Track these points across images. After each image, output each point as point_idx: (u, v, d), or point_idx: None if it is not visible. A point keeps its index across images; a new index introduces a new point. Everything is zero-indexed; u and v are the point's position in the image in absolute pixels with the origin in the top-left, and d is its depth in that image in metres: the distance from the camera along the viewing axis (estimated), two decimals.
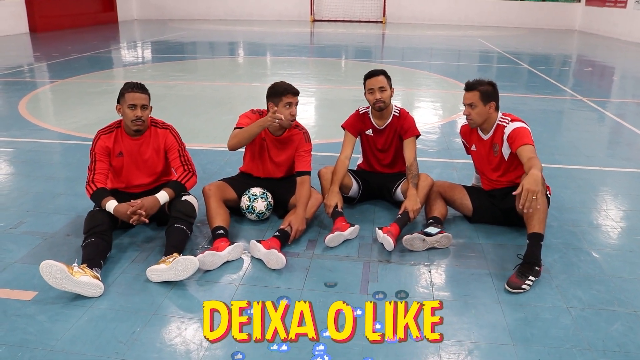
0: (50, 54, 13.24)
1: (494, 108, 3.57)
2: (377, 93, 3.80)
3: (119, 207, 3.25)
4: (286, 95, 3.55)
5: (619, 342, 2.56)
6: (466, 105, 3.58)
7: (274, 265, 3.16)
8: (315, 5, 26.11)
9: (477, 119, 3.57)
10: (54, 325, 2.63)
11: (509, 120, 3.55)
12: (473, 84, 3.56)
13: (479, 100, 3.52)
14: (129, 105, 3.37)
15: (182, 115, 7.10)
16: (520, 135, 3.41)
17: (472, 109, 3.55)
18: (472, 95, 3.53)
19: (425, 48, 16.16)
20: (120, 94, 3.43)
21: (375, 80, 3.82)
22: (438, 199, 3.73)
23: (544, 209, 3.19)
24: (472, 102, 3.54)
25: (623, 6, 19.84)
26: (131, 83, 3.43)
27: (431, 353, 2.48)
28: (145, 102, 3.41)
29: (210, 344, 2.50)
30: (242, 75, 11.22)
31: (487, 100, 3.53)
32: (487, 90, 3.53)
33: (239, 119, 3.70)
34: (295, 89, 3.61)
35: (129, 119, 3.39)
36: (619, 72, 12.62)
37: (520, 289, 2.98)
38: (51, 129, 6.33)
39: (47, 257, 3.15)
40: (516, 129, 3.46)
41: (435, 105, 8.11)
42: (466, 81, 3.62)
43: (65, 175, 4.71)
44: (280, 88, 3.58)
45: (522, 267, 3.07)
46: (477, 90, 3.53)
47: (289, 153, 3.78)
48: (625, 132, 6.71)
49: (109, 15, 23.85)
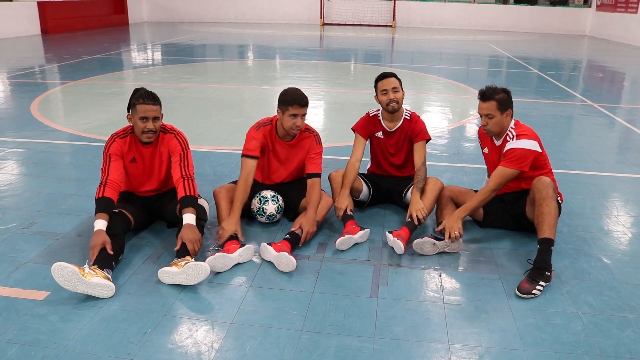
0: (61, 55, 13.34)
1: (510, 115, 3.53)
2: (391, 93, 3.82)
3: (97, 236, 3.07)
4: (293, 105, 3.51)
5: (631, 348, 2.55)
6: (483, 116, 3.52)
7: (285, 267, 3.17)
8: (325, 9, 26.15)
9: (494, 128, 3.53)
10: (66, 325, 2.65)
11: (514, 136, 3.48)
12: (489, 94, 3.48)
13: (497, 110, 3.47)
14: (140, 117, 3.33)
15: (192, 118, 7.13)
16: (512, 156, 3.42)
17: (490, 120, 3.50)
18: (490, 105, 3.47)
19: (435, 52, 16.14)
20: (131, 103, 3.37)
21: (387, 81, 3.84)
22: (449, 204, 3.72)
23: (555, 214, 3.20)
24: (489, 112, 3.48)
25: (634, 11, 19.73)
26: (142, 92, 3.35)
27: (442, 357, 2.48)
28: (156, 114, 3.36)
29: (221, 346, 2.51)
30: (252, 78, 11.25)
31: (504, 109, 3.48)
32: (503, 98, 3.48)
33: (246, 141, 3.65)
34: (304, 100, 3.55)
35: (140, 130, 3.36)
36: (629, 77, 12.55)
37: (531, 294, 2.97)
38: (63, 130, 6.38)
39: (58, 257, 3.19)
40: (516, 149, 3.42)
41: (444, 110, 8.10)
42: (480, 90, 3.55)
43: (76, 176, 4.74)
44: (289, 97, 3.53)
45: (533, 273, 3.07)
46: (494, 100, 3.46)
47: (300, 156, 3.78)
48: (636, 138, 6.68)
49: (120, 17, 24.00)
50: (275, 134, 3.71)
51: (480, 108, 3.54)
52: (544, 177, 3.32)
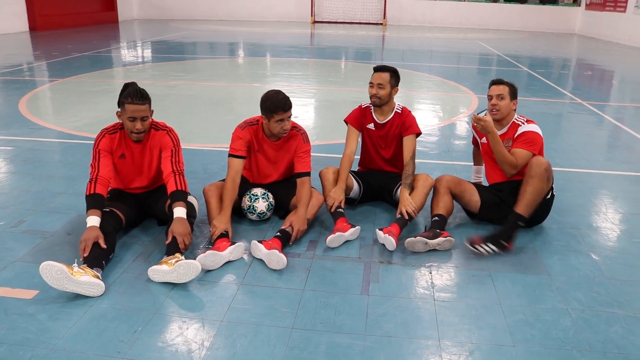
0: (50, 52, 13.24)
1: (515, 106, 3.79)
2: (375, 88, 3.87)
3: (90, 231, 3.07)
4: (277, 112, 3.49)
5: (619, 344, 2.57)
6: (494, 96, 3.74)
7: (275, 265, 3.17)
8: (315, 7, 26.13)
9: (504, 110, 3.73)
10: (55, 324, 2.63)
11: (524, 121, 3.75)
12: (501, 80, 3.80)
13: (508, 94, 3.73)
14: (128, 117, 3.29)
15: (183, 115, 7.10)
16: (526, 138, 3.65)
17: (501, 100, 3.73)
18: (503, 87, 3.74)
19: (426, 50, 16.18)
20: (120, 101, 3.32)
21: (377, 75, 3.88)
22: (446, 195, 3.72)
23: (536, 195, 3.43)
24: (501, 93, 3.73)
25: (623, 10, 19.87)
26: (132, 91, 3.30)
27: (432, 353, 2.49)
28: (145, 114, 3.32)
29: (212, 344, 2.50)
30: (243, 75, 11.23)
31: (513, 96, 3.76)
32: (514, 88, 3.77)
33: (233, 141, 3.65)
34: (287, 105, 3.52)
35: (129, 129, 3.35)
36: (618, 76, 12.64)
37: (473, 247, 3.24)
38: (51, 127, 6.33)
39: (47, 256, 3.17)
40: (529, 132, 3.66)
41: (435, 108, 8.12)
42: (492, 79, 3.83)
43: (65, 174, 4.71)
44: (272, 105, 3.49)
45: (489, 236, 3.31)
46: (506, 85, 3.75)
47: (289, 155, 3.78)
48: (624, 135, 6.73)
49: (109, 14, 23.86)
50: (263, 134, 3.70)
51: (492, 90, 3.78)
52: (542, 158, 3.49)
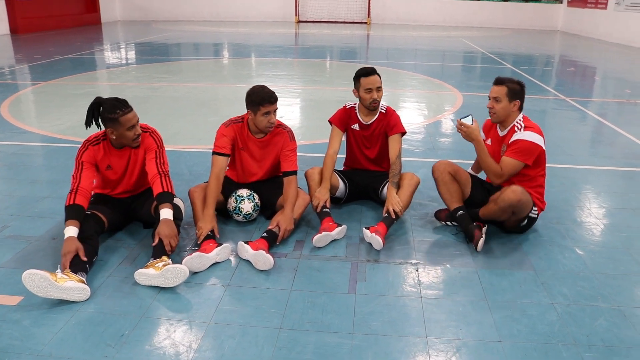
0: (32, 55, 13.10)
1: (517, 107, 3.56)
2: (375, 92, 3.84)
3: (69, 243, 3.02)
4: (264, 105, 3.52)
5: (603, 337, 2.60)
6: (491, 99, 3.58)
7: (262, 266, 3.16)
8: (300, 7, 26.11)
9: (500, 113, 3.57)
10: (41, 329, 2.60)
11: (522, 127, 3.53)
12: (502, 80, 3.59)
13: (505, 96, 3.53)
14: (127, 127, 3.27)
15: (167, 117, 7.06)
16: (518, 147, 3.46)
17: (497, 103, 3.55)
18: (500, 89, 3.55)
19: (410, 49, 16.23)
20: (111, 119, 3.24)
21: (374, 79, 3.83)
22: (453, 183, 3.69)
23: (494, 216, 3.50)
24: (497, 96, 3.55)
25: (604, 7, 20.09)
26: (114, 103, 3.24)
27: (420, 351, 2.50)
28: (137, 116, 3.34)
29: (200, 346, 2.50)
30: (227, 76, 11.19)
31: (513, 97, 3.53)
32: (514, 88, 3.55)
33: (216, 139, 3.67)
34: (273, 97, 3.56)
35: (130, 139, 3.32)
36: (600, 72, 12.77)
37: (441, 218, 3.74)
38: (34, 131, 6.27)
39: (32, 261, 3.15)
40: (523, 140, 3.46)
41: (420, 106, 8.15)
42: (497, 76, 3.64)
43: (49, 179, 4.67)
44: (258, 97, 3.53)
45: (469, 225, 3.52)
46: (505, 86, 3.55)
47: (274, 153, 3.78)
48: (607, 131, 6.80)
49: (92, 16, 23.66)
50: (248, 131, 3.70)
51: (491, 91, 3.60)
52: (517, 191, 3.32)
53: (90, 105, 3.31)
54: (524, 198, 3.33)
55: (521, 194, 3.32)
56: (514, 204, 3.32)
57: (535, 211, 3.54)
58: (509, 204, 3.32)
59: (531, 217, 3.54)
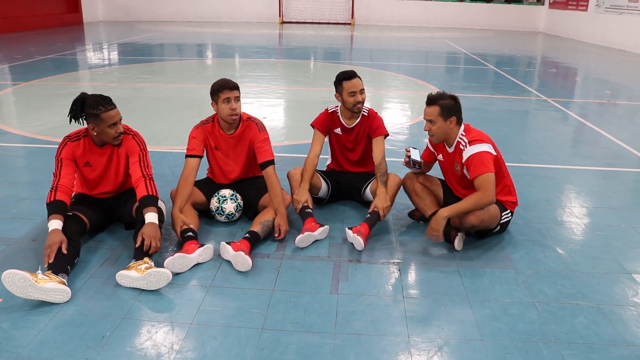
0: (12, 56, 12.93)
1: (454, 123, 3.46)
2: (359, 95, 3.84)
3: (53, 235, 3.02)
4: (222, 91, 3.55)
5: (583, 334, 2.64)
6: (426, 121, 3.50)
7: (241, 267, 3.16)
8: (284, 7, 26.09)
9: (438, 133, 3.49)
10: (20, 332, 2.57)
11: (466, 143, 3.42)
12: (434, 98, 3.46)
13: (439, 117, 3.43)
14: (109, 125, 3.26)
15: (150, 118, 7.02)
16: (476, 163, 3.34)
17: (432, 125, 3.47)
18: (432, 110, 3.44)
19: (394, 50, 16.30)
20: (93, 115, 3.23)
21: (357, 82, 3.83)
22: (425, 191, 3.72)
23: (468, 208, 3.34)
24: (431, 118, 3.45)
25: (584, 9, 20.35)
26: (97, 99, 3.24)
27: (402, 350, 2.51)
28: (120, 115, 3.34)
29: (181, 347, 2.48)
30: (211, 77, 11.08)
31: (447, 115, 3.43)
32: (448, 104, 3.43)
33: (188, 142, 3.71)
34: (232, 83, 3.59)
35: (112, 137, 3.32)
36: (581, 73, 12.93)
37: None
38: (15, 132, 6.19)
39: (12, 263, 3.11)
40: (473, 155, 3.36)
41: (403, 106, 8.18)
42: (428, 94, 3.52)
43: (29, 180, 4.61)
44: (217, 85, 3.60)
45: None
46: (437, 105, 3.43)
47: (247, 147, 3.76)
48: (588, 131, 6.88)
49: (74, 16, 23.43)
50: (219, 129, 3.71)
51: (424, 113, 3.52)
52: (483, 215, 3.34)
53: (74, 100, 3.30)
54: (485, 217, 3.35)
55: (482, 214, 3.33)
56: (476, 224, 3.35)
57: (506, 215, 3.56)
58: (470, 225, 3.36)
59: (503, 223, 3.55)
